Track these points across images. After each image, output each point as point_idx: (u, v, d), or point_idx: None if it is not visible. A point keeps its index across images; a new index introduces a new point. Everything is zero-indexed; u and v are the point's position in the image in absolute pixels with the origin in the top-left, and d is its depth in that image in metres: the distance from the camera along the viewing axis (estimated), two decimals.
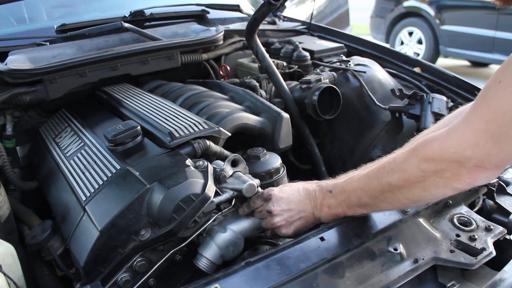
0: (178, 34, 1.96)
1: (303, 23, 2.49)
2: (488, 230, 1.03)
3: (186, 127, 1.22)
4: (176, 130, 1.20)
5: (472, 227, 1.04)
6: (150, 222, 1.00)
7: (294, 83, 1.83)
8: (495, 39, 5.75)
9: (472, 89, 1.68)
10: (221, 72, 2.05)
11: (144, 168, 1.09)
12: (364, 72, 1.79)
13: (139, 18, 2.02)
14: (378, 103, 1.69)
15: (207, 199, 1.00)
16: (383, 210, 1.02)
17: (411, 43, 6.92)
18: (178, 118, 1.30)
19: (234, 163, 1.14)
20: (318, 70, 1.87)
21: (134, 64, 1.73)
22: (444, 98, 1.58)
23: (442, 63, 6.96)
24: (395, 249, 0.95)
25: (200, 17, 2.21)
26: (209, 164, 1.11)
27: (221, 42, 1.98)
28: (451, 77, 1.79)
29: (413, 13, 6.80)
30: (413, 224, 1.05)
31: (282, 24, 2.46)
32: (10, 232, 1.23)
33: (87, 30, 1.85)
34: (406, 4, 6.87)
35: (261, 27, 1.68)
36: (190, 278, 1.09)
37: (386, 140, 1.68)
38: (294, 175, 1.77)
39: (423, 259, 0.94)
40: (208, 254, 1.03)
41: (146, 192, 1.00)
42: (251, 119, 1.49)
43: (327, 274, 0.90)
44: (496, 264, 0.99)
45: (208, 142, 1.22)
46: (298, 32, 2.39)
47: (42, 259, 1.22)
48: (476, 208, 1.17)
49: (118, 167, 1.11)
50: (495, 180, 1.20)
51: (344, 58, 1.96)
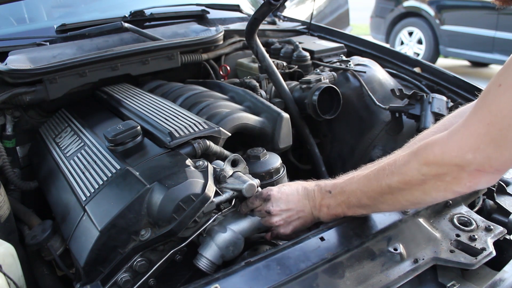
0: (178, 34, 1.96)
1: (303, 23, 2.48)
2: (488, 230, 1.03)
3: (186, 127, 1.22)
4: (176, 130, 1.20)
5: (472, 227, 1.04)
6: (150, 222, 1.00)
7: (294, 83, 1.83)
8: (495, 39, 5.75)
9: (472, 89, 1.68)
10: (221, 72, 2.05)
11: (144, 168, 1.09)
12: (364, 72, 1.79)
13: (139, 18, 2.02)
14: (378, 103, 1.69)
15: (207, 199, 1.00)
16: (383, 211, 1.03)
17: (411, 43, 6.92)
18: (178, 118, 1.30)
19: (234, 163, 1.14)
20: (318, 70, 1.87)
21: (134, 64, 1.73)
22: (444, 98, 1.57)
23: (442, 63, 6.96)
24: (395, 249, 0.95)
25: (200, 17, 2.21)
26: (209, 164, 1.11)
27: (221, 42, 1.98)
28: (451, 77, 1.79)
29: (413, 13, 6.80)
30: (413, 224, 1.05)
31: (282, 24, 2.46)
32: (10, 232, 1.23)
33: (87, 30, 1.85)
34: (406, 4, 6.87)
35: (261, 27, 1.68)
36: (190, 278, 1.09)
37: (386, 140, 1.68)
38: (294, 175, 1.76)
39: (423, 259, 0.94)
40: (208, 254, 1.03)
41: (146, 192, 1.00)
42: (251, 119, 1.49)
43: (327, 274, 0.90)
44: (496, 264, 0.99)
45: (208, 142, 1.22)
46: (298, 32, 2.39)
47: (42, 259, 1.22)
48: (476, 208, 1.17)
49: (118, 167, 1.12)
50: (498, 179, 1.20)
51: (344, 58, 1.96)
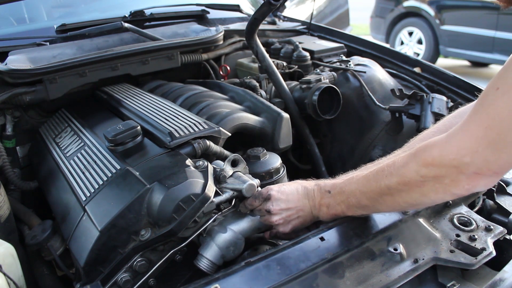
0: (178, 34, 1.96)
1: (303, 23, 2.48)
2: (488, 230, 1.03)
3: (186, 127, 1.22)
4: (176, 130, 1.20)
5: (472, 227, 1.04)
6: (150, 222, 1.00)
7: (294, 83, 1.83)
8: (495, 39, 5.75)
9: (472, 89, 1.68)
10: (221, 72, 2.05)
11: (144, 168, 1.09)
12: (364, 72, 1.79)
13: (139, 18, 2.02)
14: (378, 103, 1.69)
15: (207, 199, 1.00)
16: (382, 212, 1.03)
17: (411, 43, 6.92)
18: (178, 118, 1.30)
19: (234, 163, 1.14)
20: (318, 70, 1.86)
21: (134, 64, 1.73)
22: (444, 98, 1.58)
23: (442, 63, 6.96)
24: (395, 249, 0.95)
25: (200, 17, 2.21)
26: (209, 164, 1.11)
27: (221, 42, 1.98)
28: (451, 77, 1.79)
29: (413, 13, 6.80)
30: (413, 224, 1.05)
31: (282, 24, 2.45)
32: (10, 232, 1.23)
33: (87, 30, 1.85)
34: (406, 4, 6.87)
35: (261, 27, 1.68)
36: (190, 278, 1.09)
37: (386, 140, 1.68)
38: (294, 175, 1.76)
39: (423, 259, 0.94)
40: (209, 254, 1.03)
41: (146, 192, 1.00)
42: (251, 119, 1.49)
43: (327, 274, 0.90)
44: (496, 264, 0.98)
45: (208, 142, 1.22)
46: (298, 32, 2.39)
47: (42, 259, 1.22)
48: (476, 208, 1.17)
49: (118, 167, 1.11)
50: (496, 182, 1.20)
51: (344, 58, 1.96)
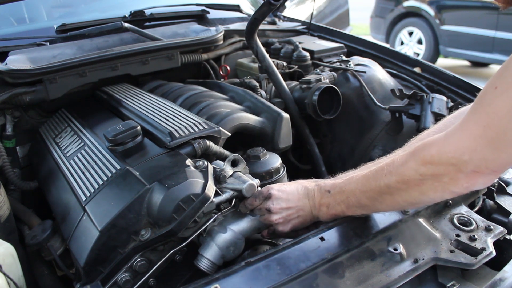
0: (178, 34, 1.96)
1: (303, 23, 2.48)
2: (488, 230, 1.03)
3: (186, 127, 1.22)
4: (176, 130, 1.20)
5: (472, 227, 1.04)
6: (150, 222, 1.00)
7: (294, 83, 1.83)
8: (495, 39, 5.75)
9: (472, 89, 1.68)
10: (221, 72, 2.05)
11: (144, 168, 1.09)
12: (364, 72, 1.79)
13: (139, 18, 2.02)
14: (378, 103, 1.69)
15: (207, 199, 1.00)
16: (382, 211, 1.03)
17: (411, 43, 6.92)
18: (178, 118, 1.29)
19: (234, 163, 1.13)
20: (318, 70, 1.86)
21: (134, 64, 1.73)
22: (444, 98, 1.58)
23: (442, 63, 6.96)
24: (395, 249, 0.95)
25: (200, 17, 2.21)
26: (209, 164, 1.11)
27: (221, 42, 1.98)
28: (451, 77, 1.79)
29: (413, 13, 6.80)
30: (413, 224, 1.05)
31: (282, 24, 2.45)
32: (10, 232, 1.23)
33: (87, 30, 1.85)
34: (406, 4, 6.87)
35: (261, 27, 1.68)
36: (190, 278, 1.09)
37: (386, 140, 1.68)
38: (294, 175, 1.75)
39: (423, 259, 0.94)
40: (209, 254, 1.03)
41: (146, 192, 1.00)
42: (251, 119, 1.49)
43: (327, 274, 0.90)
44: (496, 264, 0.99)
45: (208, 142, 1.22)
46: (298, 32, 2.39)
47: (42, 259, 1.22)
48: (476, 208, 1.17)
49: (118, 167, 1.11)
50: (495, 180, 1.20)
51: (344, 58, 1.96)
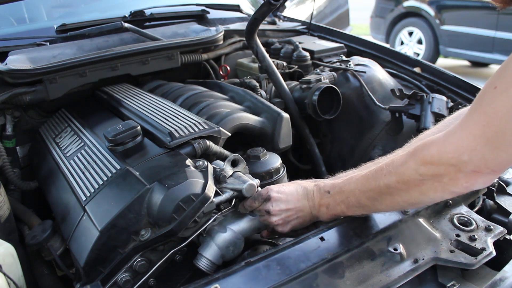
0: (178, 34, 1.96)
1: (303, 23, 2.48)
2: (488, 230, 1.03)
3: (186, 127, 1.22)
4: (176, 130, 1.20)
5: (472, 227, 1.04)
6: (150, 222, 1.00)
7: (294, 83, 1.83)
8: (495, 39, 5.75)
9: (472, 89, 1.68)
10: (221, 72, 2.05)
11: (144, 168, 1.09)
12: (364, 72, 1.79)
13: (139, 18, 2.02)
14: (378, 103, 1.69)
15: (207, 199, 1.00)
16: (382, 211, 1.03)
17: (411, 43, 6.92)
18: (178, 118, 1.29)
19: (234, 163, 1.13)
20: (318, 70, 1.86)
21: (134, 64, 1.73)
22: (444, 98, 1.58)
23: (442, 63, 6.96)
24: (395, 249, 0.95)
25: (200, 17, 2.21)
26: (209, 164, 1.11)
27: (221, 42, 1.98)
28: (451, 77, 1.79)
29: (413, 13, 6.80)
30: (413, 224, 1.05)
31: (282, 24, 2.45)
32: (10, 232, 1.23)
33: (87, 30, 1.85)
34: (406, 4, 6.87)
35: (261, 27, 1.68)
36: (190, 278, 1.09)
37: (386, 140, 1.68)
38: (294, 175, 1.76)
39: (423, 259, 0.94)
40: (208, 254, 1.03)
41: (146, 192, 1.00)
42: (251, 119, 1.49)
43: (327, 274, 0.90)
44: (496, 264, 0.99)
45: (208, 142, 1.22)
46: (298, 32, 2.39)
47: (42, 259, 1.22)
48: (476, 208, 1.17)
49: (118, 167, 1.11)
50: (495, 180, 1.20)
51: (344, 58, 1.96)
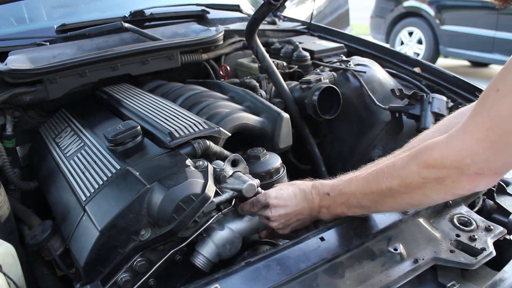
0: (178, 34, 1.96)
1: (303, 23, 2.48)
2: (488, 230, 1.03)
3: (186, 127, 1.22)
4: (176, 130, 1.20)
5: (472, 227, 1.04)
6: (150, 222, 1.00)
7: (294, 83, 1.82)
8: (495, 39, 5.75)
9: (472, 89, 1.68)
10: (221, 72, 2.05)
11: (144, 168, 1.09)
12: (364, 72, 1.79)
13: (139, 18, 2.02)
14: (378, 103, 1.69)
15: (207, 199, 1.00)
16: (383, 212, 1.03)
17: (411, 43, 6.92)
18: (178, 118, 1.29)
19: (234, 163, 1.13)
20: (318, 70, 1.86)
21: (134, 64, 1.73)
22: (444, 98, 1.57)
23: (442, 63, 6.96)
24: (395, 249, 0.95)
25: (200, 17, 2.21)
26: (209, 164, 1.11)
27: (221, 42, 1.98)
28: (451, 77, 1.79)
29: (413, 13, 6.80)
30: (413, 224, 1.05)
31: (282, 24, 2.45)
32: (10, 232, 1.23)
33: (87, 30, 1.85)
34: (406, 4, 6.87)
35: (261, 27, 1.68)
36: (190, 278, 1.09)
37: (386, 140, 1.68)
38: (294, 175, 1.76)
39: (423, 259, 0.94)
40: (205, 251, 1.03)
41: (146, 192, 1.00)
42: (251, 119, 1.49)
43: (327, 274, 0.90)
44: (496, 264, 0.99)
45: (208, 142, 1.22)
46: (298, 32, 2.39)
47: (42, 259, 1.22)
48: (476, 208, 1.17)
49: (118, 167, 1.11)
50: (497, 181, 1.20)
51: (344, 58, 1.96)
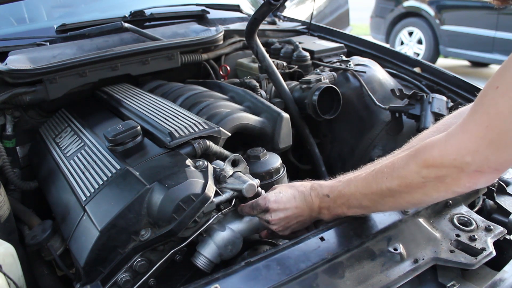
0: (178, 34, 1.96)
1: (303, 23, 2.48)
2: (488, 230, 1.03)
3: (186, 127, 1.22)
4: (176, 130, 1.20)
5: (472, 227, 1.04)
6: (150, 222, 1.00)
7: (294, 83, 1.83)
8: (495, 39, 5.75)
9: (472, 89, 1.68)
10: (221, 72, 2.05)
11: (144, 168, 1.09)
12: (364, 72, 1.79)
13: (139, 18, 2.02)
14: (378, 103, 1.69)
15: (207, 199, 1.00)
16: (384, 211, 1.03)
17: (411, 43, 6.92)
18: (178, 118, 1.29)
19: (234, 163, 1.14)
20: (318, 70, 1.86)
21: (134, 64, 1.73)
22: (444, 98, 1.58)
23: (442, 63, 6.96)
24: (395, 249, 0.95)
25: (200, 17, 2.21)
26: (209, 164, 1.11)
27: (221, 42, 1.98)
28: (451, 77, 1.79)
29: (413, 13, 6.80)
30: (413, 224, 1.05)
31: (282, 24, 2.45)
32: (10, 232, 1.23)
33: (87, 30, 1.85)
34: (406, 4, 6.87)
35: (261, 27, 1.68)
36: (190, 278, 1.09)
37: (386, 140, 1.68)
38: (294, 175, 1.76)
39: (423, 259, 0.94)
40: (206, 252, 1.03)
41: (146, 192, 1.00)
42: (251, 119, 1.49)
43: (327, 274, 0.90)
44: (496, 264, 0.98)
45: (208, 142, 1.22)
46: (298, 32, 2.39)
47: (42, 259, 1.22)
48: (476, 208, 1.17)
49: (118, 167, 1.11)
50: (497, 178, 1.20)
51: (344, 58, 1.96)
